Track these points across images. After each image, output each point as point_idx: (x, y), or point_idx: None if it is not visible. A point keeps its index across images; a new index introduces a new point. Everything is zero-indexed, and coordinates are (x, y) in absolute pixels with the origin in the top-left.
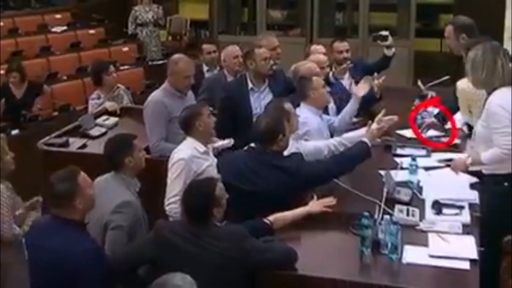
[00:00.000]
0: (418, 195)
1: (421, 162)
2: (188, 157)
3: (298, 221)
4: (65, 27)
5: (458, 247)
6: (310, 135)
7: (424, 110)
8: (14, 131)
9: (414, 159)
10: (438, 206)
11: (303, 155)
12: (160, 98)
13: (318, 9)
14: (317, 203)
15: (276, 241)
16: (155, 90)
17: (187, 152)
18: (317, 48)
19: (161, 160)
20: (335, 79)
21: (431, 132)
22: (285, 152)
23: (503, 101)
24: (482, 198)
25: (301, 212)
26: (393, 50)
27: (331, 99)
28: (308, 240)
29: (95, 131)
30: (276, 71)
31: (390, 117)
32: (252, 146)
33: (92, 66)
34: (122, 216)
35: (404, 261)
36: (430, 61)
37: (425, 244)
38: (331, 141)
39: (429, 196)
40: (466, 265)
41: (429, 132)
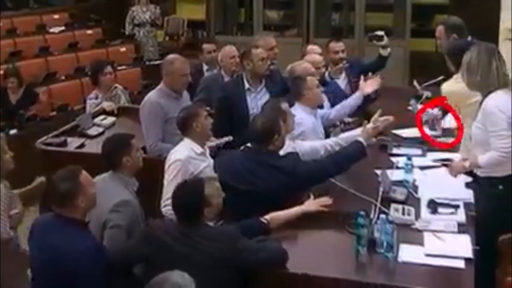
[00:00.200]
0: (414, 194)
1: (417, 162)
2: (185, 158)
3: (295, 220)
4: (63, 28)
5: (454, 246)
6: (305, 136)
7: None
8: (13, 131)
9: (410, 159)
10: (434, 205)
11: (300, 155)
12: (156, 99)
13: (315, 10)
14: (313, 203)
15: (269, 241)
16: (151, 91)
17: (184, 153)
18: (313, 48)
19: (159, 160)
20: (331, 79)
21: (428, 132)
22: (281, 152)
23: (500, 104)
24: (477, 198)
25: (298, 211)
26: (389, 50)
27: (326, 99)
28: (305, 239)
29: (93, 131)
30: (273, 71)
31: (386, 118)
32: (249, 146)
33: (90, 66)
34: (120, 215)
35: (400, 260)
36: (426, 61)
37: (421, 243)
38: (328, 141)
39: (425, 195)
40: (461, 264)
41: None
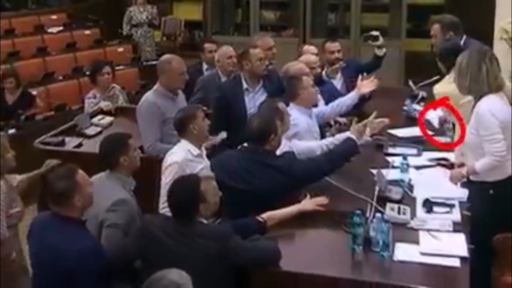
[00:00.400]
0: (409, 194)
1: (412, 161)
2: (182, 160)
3: (291, 219)
4: (61, 28)
5: (449, 245)
6: (300, 136)
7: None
8: (11, 131)
9: (405, 158)
10: (429, 205)
11: (296, 154)
12: (153, 100)
13: (311, 10)
14: (310, 202)
15: (262, 239)
16: (148, 92)
17: (181, 155)
18: (309, 49)
19: (156, 159)
20: (328, 78)
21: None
22: (278, 151)
23: (492, 108)
24: (472, 198)
25: (294, 210)
26: (384, 50)
27: (321, 98)
28: (301, 238)
29: (91, 130)
30: (271, 71)
31: (381, 120)
32: (245, 146)
33: (89, 66)
34: (118, 214)
35: (395, 259)
36: (421, 61)
37: (416, 242)
38: (324, 142)
39: (420, 195)
40: (457, 263)
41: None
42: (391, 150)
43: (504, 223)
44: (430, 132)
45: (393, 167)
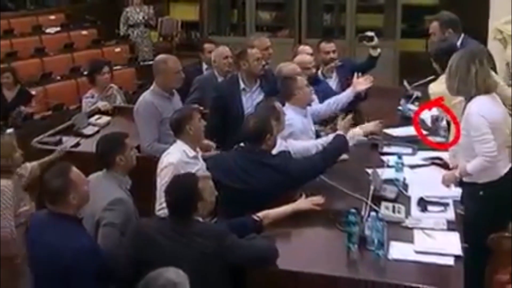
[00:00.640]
0: (404, 193)
1: (407, 160)
2: (177, 162)
3: (287, 218)
4: (59, 28)
5: (443, 243)
6: (295, 136)
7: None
8: (9, 130)
9: (400, 157)
10: (424, 203)
11: (292, 154)
12: (151, 100)
13: (306, 11)
14: (305, 201)
15: (258, 238)
16: (144, 92)
17: (176, 156)
18: (305, 49)
19: (152, 159)
20: (324, 77)
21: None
22: (274, 151)
23: (481, 109)
24: (465, 198)
25: (290, 209)
26: (379, 51)
27: (315, 98)
28: (297, 237)
29: (88, 130)
30: (267, 71)
31: (375, 123)
32: (241, 146)
33: (88, 66)
34: (114, 213)
35: (390, 257)
36: (416, 61)
37: (411, 241)
38: (319, 141)
39: (415, 194)
40: (451, 261)
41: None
42: (386, 150)
43: (496, 223)
44: (425, 132)
45: (388, 166)
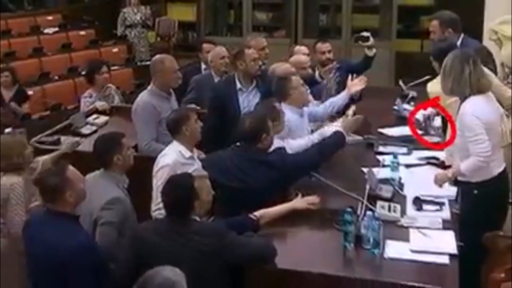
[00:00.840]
0: (400, 192)
1: (403, 160)
2: (173, 162)
3: (283, 217)
4: (57, 29)
5: (438, 242)
6: (292, 134)
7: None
8: (7, 130)
9: (396, 157)
10: (419, 202)
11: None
12: (149, 100)
13: (302, 11)
14: (301, 200)
15: (255, 237)
16: (142, 92)
17: (172, 157)
18: (300, 49)
19: (149, 158)
20: (321, 78)
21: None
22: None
23: (475, 109)
24: (460, 197)
25: (286, 208)
26: (374, 51)
27: (311, 98)
28: (293, 236)
29: (86, 130)
30: (264, 71)
31: (358, 117)
32: (238, 145)
33: (86, 65)
34: (112, 212)
35: (386, 256)
36: (411, 62)
37: (406, 239)
38: (314, 136)
39: (410, 193)
40: (446, 260)
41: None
42: (382, 149)
43: (490, 222)
44: (420, 132)
45: (384, 166)
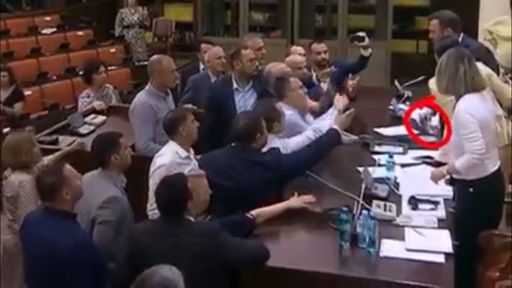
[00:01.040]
0: (395, 191)
1: (398, 159)
2: (170, 163)
3: (279, 216)
4: (55, 29)
5: (434, 241)
6: (289, 130)
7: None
8: (6, 129)
9: (391, 156)
10: (414, 202)
11: (288, 151)
12: (146, 100)
13: (299, 12)
14: (297, 199)
15: (249, 239)
16: (139, 92)
17: (168, 157)
18: (297, 49)
19: (146, 158)
20: (318, 81)
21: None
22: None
23: (470, 107)
24: (456, 196)
25: (282, 207)
26: (370, 51)
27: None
28: (289, 234)
29: (84, 129)
30: (260, 72)
31: (348, 113)
32: (233, 145)
33: (84, 65)
34: (109, 211)
35: (382, 255)
36: (407, 62)
37: (402, 238)
38: (310, 132)
39: (406, 192)
40: (441, 259)
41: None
42: (377, 149)
43: (485, 220)
44: (416, 131)
45: (379, 165)
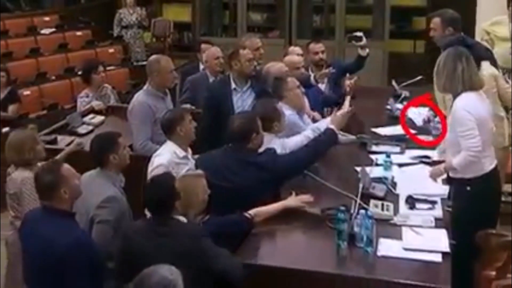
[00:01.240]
0: (393, 191)
1: (395, 159)
2: (168, 162)
3: (277, 216)
4: (54, 29)
5: (431, 240)
6: (288, 130)
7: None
8: (5, 129)
9: (389, 156)
10: (412, 201)
11: (287, 151)
12: (145, 100)
13: (296, 12)
14: (295, 199)
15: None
16: (138, 92)
17: (167, 157)
18: (295, 49)
19: (144, 157)
20: (316, 82)
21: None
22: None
23: (467, 105)
24: (453, 195)
25: (280, 206)
26: (367, 51)
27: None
28: (287, 234)
29: (82, 129)
30: (258, 72)
31: (342, 112)
32: (229, 146)
33: (83, 65)
34: (108, 211)
35: (379, 254)
36: (404, 62)
37: (399, 238)
38: (309, 132)
39: (403, 191)
40: (439, 258)
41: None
42: (375, 148)
43: (483, 219)
44: (413, 131)
45: (377, 165)
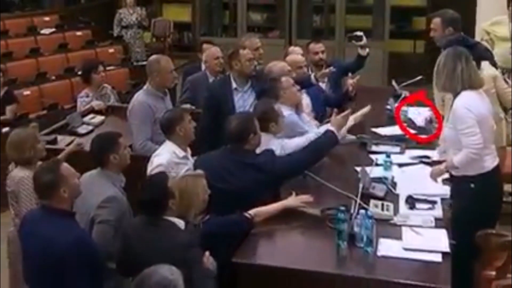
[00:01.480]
0: (393, 191)
1: (395, 159)
2: (167, 162)
3: (277, 216)
4: (54, 29)
5: (431, 240)
6: (287, 131)
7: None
8: (5, 129)
9: (389, 156)
10: (412, 201)
11: (287, 152)
12: (144, 99)
13: (296, 12)
14: (295, 199)
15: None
16: (138, 92)
17: (166, 157)
18: (295, 49)
19: (144, 157)
20: (316, 81)
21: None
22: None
23: (467, 103)
24: (453, 194)
25: (280, 206)
26: (367, 50)
27: (307, 102)
28: (287, 234)
29: (82, 129)
30: (258, 72)
31: (363, 110)
32: (228, 146)
33: (83, 65)
34: (108, 211)
35: (379, 254)
36: (404, 62)
37: (399, 238)
38: (312, 135)
39: (403, 191)
40: (439, 258)
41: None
42: (375, 148)
43: (484, 218)
44: (412, 131)
45: (377, 165)
